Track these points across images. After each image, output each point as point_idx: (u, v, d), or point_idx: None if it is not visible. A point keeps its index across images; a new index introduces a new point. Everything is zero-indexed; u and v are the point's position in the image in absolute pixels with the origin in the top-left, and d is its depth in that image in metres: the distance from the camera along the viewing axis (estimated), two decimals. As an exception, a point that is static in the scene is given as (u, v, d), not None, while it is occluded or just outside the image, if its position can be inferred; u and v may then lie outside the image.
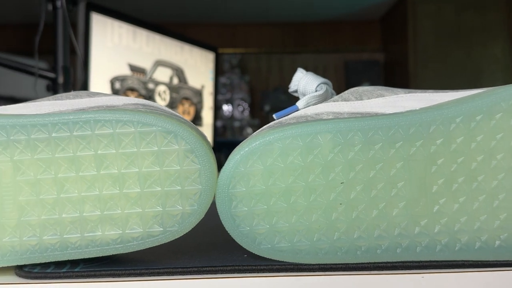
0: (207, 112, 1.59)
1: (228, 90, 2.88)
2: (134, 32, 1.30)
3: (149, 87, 1.36)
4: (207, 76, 1.59)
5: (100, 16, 1.18)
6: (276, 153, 0.28)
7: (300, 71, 0.35)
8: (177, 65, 1.46)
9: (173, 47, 1.44)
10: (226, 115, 2.86)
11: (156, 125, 0.28)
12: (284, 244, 0.29)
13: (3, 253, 0.29)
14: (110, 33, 1.22)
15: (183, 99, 1.48)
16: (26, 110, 0.30)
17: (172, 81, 1.44)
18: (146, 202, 0.29)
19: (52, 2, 0.96)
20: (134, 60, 1.31)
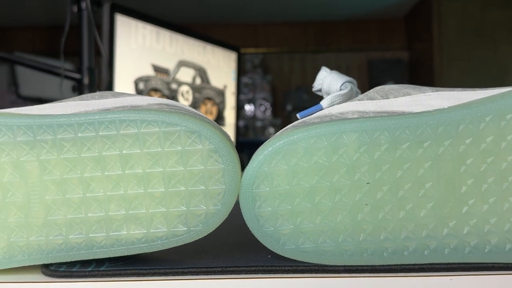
0: (230, 112, 1.59)
1: (250, 90, 2.88)
2: (157, 33, 1.31)
3: (172, 87, 1.37)
4: (229, 76, 1.59)
5: (124, 18, 1.19)
6: (300, 153, 0.28)
7: (324, 69, 0.35)
8: (199, 65, 1.46)
9: (196, 47, 1.45)
10: (248, 115, 2.86)
11: (180, 125, 0.28)
12: (308, 245, 0.29)
13: (29, 251, 0.29)
14: (134, 34, 1.24)
15: (206, 99, 1.49)
16: (52, 111, 0.30)
17: (195, 81, 1.44)
18: (171, 202, 0.29)
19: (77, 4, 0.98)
20: (158, 60, 1.32)
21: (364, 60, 3.00)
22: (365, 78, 2.95)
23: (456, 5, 2.45)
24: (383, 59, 2.98)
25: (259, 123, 2.85)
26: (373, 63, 2.98)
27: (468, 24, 2.44)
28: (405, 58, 2.97)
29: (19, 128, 0.28)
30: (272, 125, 2.83)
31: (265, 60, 2.99)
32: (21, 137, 0.28)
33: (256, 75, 2.90)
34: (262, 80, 2.90)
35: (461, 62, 2.43)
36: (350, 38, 3.02)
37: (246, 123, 2.84)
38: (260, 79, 2.90)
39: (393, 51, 3.00)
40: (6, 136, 0.28)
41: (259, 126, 2.84)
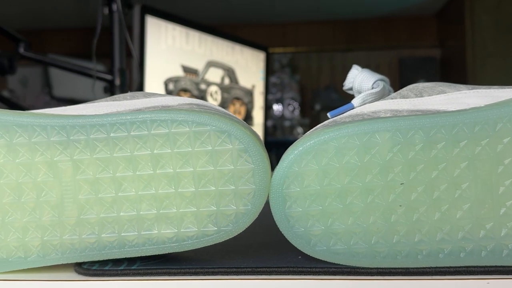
0: (258, 111, 1.59)
1: (278, 90, 2.87)
2: (187, 34, 1.32)
3: (201, 87, 1.37)
4: (258, 76, 1.59)
5: (154, 19, 1.21)
6: (331, 153, 0.27)
7: (356, 68, 0.35)
8: (228, 66, 1.47)
9: (225, 47, 1.45)
10: (276, 114, 2.86)
11: (210, 125, 0.28)
12: (340, 246, 0.28)
13: (63, 250, 0.30)
14: (164, 35, 1.25)
15: (234, 99, 1.49)
16: (85, 111, 0.31)
17: (223, 82, 1.45)
18: (201, 202, 0.29)
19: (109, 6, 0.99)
20: (187, 61, 1.33)
21: (395, 58, 2.96)
22: (396, 77, 2.91)
23: (490, 0, 2.39)
24: (414, 57, 2.93)
25: (287, 122, 2.83)
26: (404, 61, 2.93)
27: (503, 20, 2.37)
28: (437, 56, 2.91)
29: (53, 128, 0.29)
30: (300, 125, 2.82)
31: (294, 60, 2.98)
32: (55, 137, 0.29)
33: (284, 75, 2.89)
34: (290, 79, 2.89)
35: (495, 60, 2.37)
36: (381, 36, 2.98)
37: (274, 123, 2.83)
38: (288, 78, 2.89)
39: (424, 49, 2.94)
40: (40, 136, 0.29)
41: (287, 126, 2.83)
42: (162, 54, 1.25)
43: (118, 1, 0.98)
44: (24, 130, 0.29)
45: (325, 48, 3.00)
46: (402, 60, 2.94)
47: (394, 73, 2.93)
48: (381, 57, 2.97)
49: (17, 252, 0.30)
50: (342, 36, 3.00)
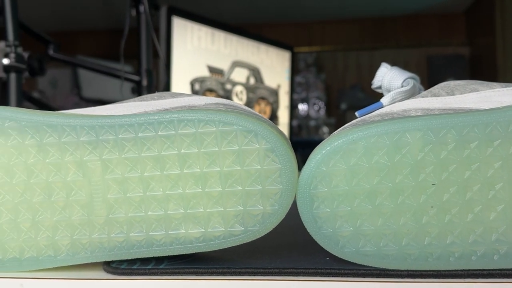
0: (283, 111, 1.59)
1: (303, 89, 2.86)
2: (212, 34, 1.33)
3: (226, 87, 1.38)
4: (283, 75, 1.59)
5: (180, 20, 1.22)
6: (360, 152, 0.27)
7: (384, 66, 0.34)
8: (253, 65, 1.47)
9: (250, 47, 1.45)
10: (301, 114, 2.84)
11: (237, 124, 0.28)
12: (369, 248, 0.28)
13: (92, 249, 0.30)
14: (190, 36, 1.26)
15: (260, 98, 1.49)
16: (114, 111, 0.31)
17: (248, 81, 1.45)
18: (228, 201, 0.29)
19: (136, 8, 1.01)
20: (213, 61, 1.34)
21: (423, 57, 2.91)
22: (424, 76, 2.86)
23: (522, -4, 2.32)
24: (443, 55, 2.87)
25: (313, 122, 2.82)
26: (432, 59, 2.87)
27: (535, 16, 2.30)
28: (466, 53, 2.85)
29: (82, 128, 0.29)
30: (326, 124, 2.80)
31: (319, 59, 2.96)
32: (84, 137, 0.29)
33: (309, 74, 2.88)
34: (315, 78, 2.87)
35: (528, 57, 2.30)
36: (409, 34, 2.93)
37: (299, 123, 2.82)
38: (313, 77, 2.87)
39: (453, 47, 2.88)
40: (70, 136, 0.29)
41: (312, 126, 2.82)
42: (188, 55, 1.26)
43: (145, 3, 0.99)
44: (54, 130, 0.29)
45: (351, 46, 2.98)
46: (431, 59, 2.88)
47: (422, 71, 2.88)
48: (409, 56, 2.93)
49: (47, 251, 0.30)
50: (369, 34, 2.97)
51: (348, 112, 2.77)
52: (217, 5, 2.65)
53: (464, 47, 2.87)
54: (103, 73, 1.07)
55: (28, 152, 0.30)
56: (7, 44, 0.74)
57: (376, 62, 2.94)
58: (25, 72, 0.78)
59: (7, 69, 0.74)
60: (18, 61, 0.74)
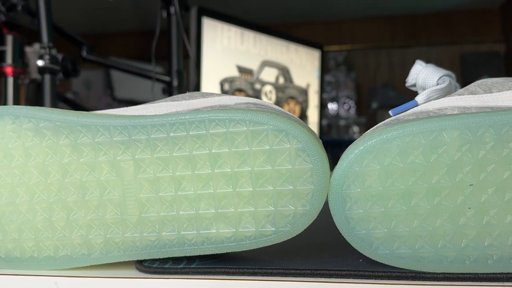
0: (313, 110, 1.58)
1: (333, 88, 2.83)
2: (241, 34, 1.33)
3: (256, 87, 1.38)
4: (313, 74, 1.58)
5: (210, 20, 1.22)
6: (394, 152, 0.26)
7: (419, 63, 0.33)
8: (283, 65, 1.46)
9: (279, 47, 1.45)
10: (331, 113, 2.82)
11: (267, 124, 0.28)
12: (404, 250, 0.27)
13: (125, 248, 0.30)
14: (219, 36, 1.26)
15: (289, 98, 1.48)
16: (146, 111, 0.31)
17: (278, 81, 1.45)
18: (259, 201, 0.29)
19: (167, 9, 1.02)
20: (242, 61, 1.34)
21: (457, 54, 2.84)
22: (458, 73, 2.79)
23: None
24: (477, 52, 2.80)
25: (343, 121, 2.79)
26: (466, 57, 2.80)
27: None
28: (501, 51, 2.77)
29: (116, 128, 0.29)
30: (356, 124, 2.77)
31: (349, 57, 2.93)
32: (117, 137, 0.29)
33: (339, 73, 2.85)
34: (345, 77, 2.84)
35: None
36: (441, 31, 2.87)
37: (329, 122, 2.80)
38: (343, 76, 2.84)
39: (488, 44, 2.80)
40: (103, 136, 0.30)
41: (342, 125, 2.79)
42: (217, 55, 1.26)
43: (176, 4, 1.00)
44: (88, 130, 0.30)
45: (383, 44, 2.93)
46: (464, 56, 2.81)
47: (456, 69, 2.81)
48: (442, 53, 2.86)
49: (81, 249, 0.31)
50: (400, 32, 2.92)
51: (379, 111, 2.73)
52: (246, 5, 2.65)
53: (499, 44, 2.78)
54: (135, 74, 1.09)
55: (63, 152, 0.30)
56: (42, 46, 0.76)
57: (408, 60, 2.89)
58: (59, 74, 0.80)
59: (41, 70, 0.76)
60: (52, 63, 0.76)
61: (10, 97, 0.78)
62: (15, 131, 0.30)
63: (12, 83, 0.78)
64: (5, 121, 0.31)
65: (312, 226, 0.29)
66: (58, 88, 0.80)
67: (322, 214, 0.29)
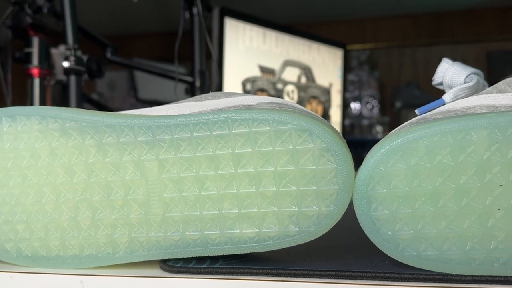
0: (335, 110, 1.57)
1: (356, 87, 2.81)
2: (264, 34, 1.33)
3: (278, 87, 1.37)
4: (335, 73, 1.57)
5: (232, 20, 1.22)
6: (421, 152, 0.26)
7: (446, 61, 0.32)
8: (305, 64, 1.46)
9: (301, 46, 1.44)
10: (354, 113, 2.80)
11: (291, 123, 0.28)
12: (431, 252, 0.27)
13: (149, 247, 0.31)
14: (241, 36, 1.26)
15: (311, 98, 1.48)
16: (169, 111, 0.31)
17: (300, 80, 1.44)
18: (282, 202, 0.29)
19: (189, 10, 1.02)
20: (264, 61, 1.34)
21: (482, 52, 2.78)
22: (484, 71, 2.72)
23: None
24: (504, 50, 2.73)
25: (366, 121, 2.76)
26: (492, 55, 2.74)
27: None
28: (530, 47, 2.70)
29: (140, 128, 0.30)
30: (379, 123, 2.73)
31: (372, 56, 2.90)
32: (141, 137, 0.30)
33: (362, 72, 2.82)
34: (368, 76, 2.81)
35: None
36: (467, 29, 2.82)
37: (352, 122, 2.77)
38: (366, 75, 2.81)
39: (515, 41, 2.74)
40: (128, 136, 0.30)
41: (365, 125, 2.76)
42: (240, 55, 1.26)
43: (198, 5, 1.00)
44: (113, 131, 0.30)
45: (406, 43, 2.89)
46: (490, 54, 2.75)
47: (482, 67, 2.74)
48: (467, 51, 2.81)
49: (106, 248, 0.31)
50: (425, 30, 2.88)
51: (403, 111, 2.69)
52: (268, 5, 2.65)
53: (528, 41, 2.72)
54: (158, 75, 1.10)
55: (88, 152, 0.30)
56: (67, 47, 0.77)
57: (432, 58, 2.85)
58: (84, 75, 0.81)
59: (67, 71, 0.78)
60: (77, 64, 0.77)
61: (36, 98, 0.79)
62: (41, 131, 0.31)
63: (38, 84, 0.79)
64: (32, 121, 0.31)
65: (336, 227, 0.29)
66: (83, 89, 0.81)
67: (346, 214, 0.29)
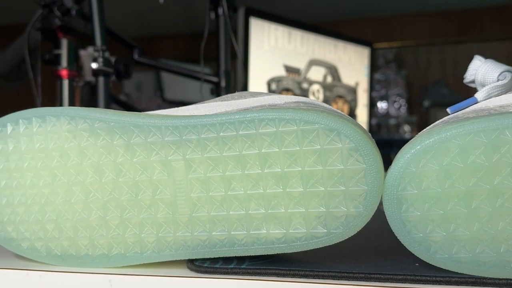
0: (362, 109, 1.55)
1: (383, 86, 2.77)
2: (289, 34, 1.33)
3: (303, 86, 1.37)
4: (362, 72, 1.55)
5: (258, 20, 1.22)
6: (454, 152, 0.25)
7: (478, 58, 0.31)
8: (330, 63, 1.44)
9: (327, 45, 1.43)
10: (381, 112, 2.76)
11: (318, 123, 0.27)
12: (464, 254, 0.26)
13: (176, 247, 0.31)
14: (267, 36, 1.26)
15: (337, 97, 1.46)
16: (196, 111, 0.31)
17: (325, 80, 1.43)
18: (309, 202, 0.28)
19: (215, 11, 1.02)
20: (289, 61, 1.33)
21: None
22: (515, 69, 2.66)
23: None
24: (536, 47, 2.66)
25: (393, 120, 2.73)
26: (524, 52, 2.67)
27: None
28: None
29: (167, 128, 0.30)
30: (407, 123, 2.69)
31: (399, 54, 2.86)
32: (168, 137, 0.30)
33: (389, 71, 2.78)
34: (396, 75, 2.77)
35: None
36: (497, 26, 2.75)
37: (378, 121, 2.74)
38: (393, 74, 2.78)
39: (548, 38, 2.66)
40: (155, 136, 0.30)
41: (392, 124, 2.72)
42: (265, 55, 1.26)
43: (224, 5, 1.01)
44: (141, 131, 0.30)
45: (434, 41, 2.84)
46: (522, 51, 2.68)
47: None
48: (497, 49, 2.74)
49: (134, 248, 0.31)
50: (453, 27, 2.82)
51: (431, 110, 2.64)
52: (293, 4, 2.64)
53: (561, 38, 2.64)
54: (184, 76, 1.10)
55: (117, 152, 0.31)
56: (95, 49, 0.78)
57: (461, 56, 2.79)
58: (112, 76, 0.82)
59: (95, 73, 0.79)
60: (106, 65, 0.78)
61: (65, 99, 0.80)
62: (70, 131, 0.31)
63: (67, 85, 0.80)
64: (61, 121, 0.31)
65: (365, 228, 0.28)
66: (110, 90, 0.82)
67: (375, 215, 0.28)
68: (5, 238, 0.34)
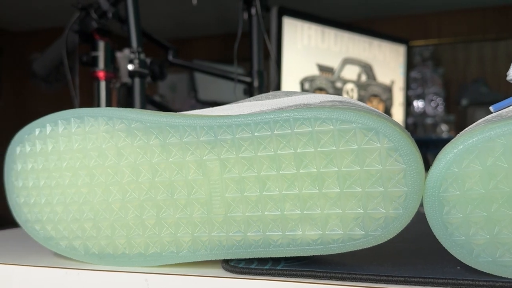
0: (398, 108, 1.52)
1: (419, 85, 2.72)
2: (322, 32, 1.31)
3: (337, 86, 1.35)
4: (397, 71, 1.52)
5: (290, 20, 1.22)
6: (498, 151, 0.24)
7: (524, 54, 0.30)
8: (365, 62, 1.42)
9: (361, 43, 1.41)
10: (417, 111, 2.70)
11: (355, 122, 0.27)
12: (508, 258, 0.25)
13: (211, 247, 0.31)
14: (300, 35, 1.26)
15: (372, 96, 1.44)
16: (230, 111, 0.31)
17: (360, 79, 1.41)
18: (346, 203, 0.28)
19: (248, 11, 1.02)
20: (323, 60, 1.32)
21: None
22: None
23: None
24: None
25: (430, 120, 2.67)
26: None
27: None
28: None
29: (202, 128, 0.30)
30: (444, 122, 2.63)
31: (436, 52, 2.79)
32: (203, 137, 0.30)
33: (426, 69, 2.72)
34: (432, 73, 2.71)
35: None
36: (539, 21, 2.65)
37: (415, 120, 2.68)
38: (430, 72, 2.71)
39: None
40: (190, 136, 0.30)
41: (429, 123, 2.66)
42: (298, 54, 1.25)
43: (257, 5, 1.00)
44: (176, 131, 0.30)
45: (472, 38, 2.76)
46: None
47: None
48: (539, 45, 2.64)
49: (170, 247, 0.31)
50: (492, 24, 2.74)
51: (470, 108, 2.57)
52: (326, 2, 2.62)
53: None
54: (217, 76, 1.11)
55: (153, 152, 0.31)
56: (131, 51, 0.79)
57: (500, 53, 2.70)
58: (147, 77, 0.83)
59: (131, 74, 0.80)
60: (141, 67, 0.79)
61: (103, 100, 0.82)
62: (108, 132, 0.32)
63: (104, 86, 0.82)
64: (99, 122, 0.32)
65: (405, 231, 0.27)
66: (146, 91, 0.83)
67: (415, 217, 0.27)
68: (44, 237, 0.34)
